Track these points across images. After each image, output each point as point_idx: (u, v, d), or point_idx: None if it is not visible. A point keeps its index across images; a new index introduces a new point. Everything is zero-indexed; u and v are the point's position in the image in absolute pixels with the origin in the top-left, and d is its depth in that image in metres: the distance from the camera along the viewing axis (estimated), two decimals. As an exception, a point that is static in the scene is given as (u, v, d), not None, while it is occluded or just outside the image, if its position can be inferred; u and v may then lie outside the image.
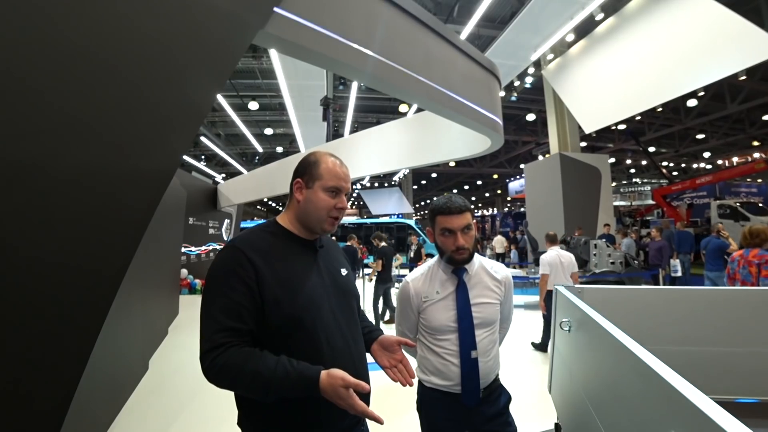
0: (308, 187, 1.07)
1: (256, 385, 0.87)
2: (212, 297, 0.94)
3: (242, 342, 0.91)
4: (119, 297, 1.47)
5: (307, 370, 0.89)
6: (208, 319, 0.92)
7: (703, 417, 0.59)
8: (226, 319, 0.90)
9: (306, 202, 1.07)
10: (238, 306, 0.92)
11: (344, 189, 1.10)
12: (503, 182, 28.07)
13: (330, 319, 1.03)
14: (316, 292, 1.02)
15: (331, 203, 1.07)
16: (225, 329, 0.90)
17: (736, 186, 18.85)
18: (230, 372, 0.87)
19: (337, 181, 1.08)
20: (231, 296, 0.92)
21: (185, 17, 1.59)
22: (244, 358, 0.88)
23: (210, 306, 0.93)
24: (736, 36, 5.01)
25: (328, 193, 1.07)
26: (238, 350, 0.89)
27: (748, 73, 9.81)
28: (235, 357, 0.88)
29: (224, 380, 0.88)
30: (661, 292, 2.08)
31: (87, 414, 2.21)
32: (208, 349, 0.89)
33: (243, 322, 0.92)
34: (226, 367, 0.87)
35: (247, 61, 10.22)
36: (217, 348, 0.88)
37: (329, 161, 1.09)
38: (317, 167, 1.08)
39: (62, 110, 1.29)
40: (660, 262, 7.24)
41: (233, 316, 0.91)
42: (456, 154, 5.43)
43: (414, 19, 3.00)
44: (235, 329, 0.90)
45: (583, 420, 1.34)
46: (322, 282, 1.06)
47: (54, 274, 1.30)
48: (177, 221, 6.01)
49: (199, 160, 18.52)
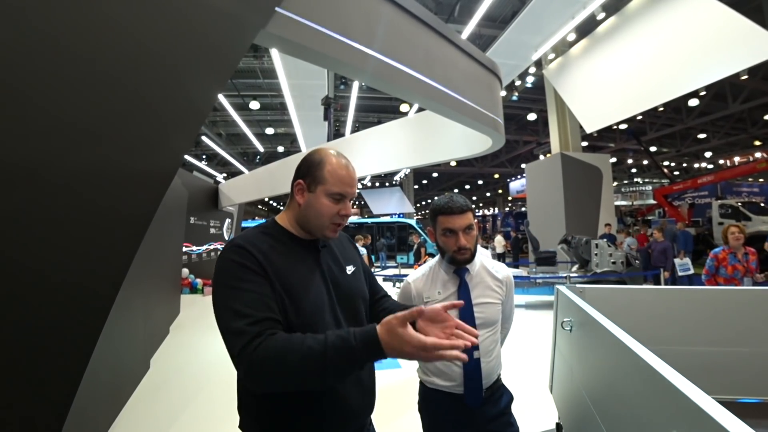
0: (310, 190, 0.97)
1: (311, 361, 0.74)
2: (230, 293, 0.84)
3: (275, 331, 0.81)
4: (121, 296, 1.47)
5: (361, 330, 0.78)
6: (233, 317, 0.80)
7: (705, 417, 0.59)
8: (255, 311, 0.81)
9: (307, 206, 0.97)
10: (262, 297, 0.84)
11: (350, 194, 0.99)
12: (504, 182, 28.05)
13: (332, 325, 0.95)
14: (318, 299, 0.94)
15: (335, 210, 0.97)
16: (257, 321, 0.79)
17: (737, 186, 18.78)
18: (277, 356, 0.75)
19: (342, 187, 0.97)
20: (252, 288, 0.84)
21: (186, 17, 1.59)
22: (286, 338, 0.78)
23: (231, 303, 0.82)
24: (737, 35, 5.00)
25: (331, 199, 0.96)
26: (275, 336, 0.78)
27: (750, 73, 9.78)
28: (276, 341, 0.77)
29: (271, 370, 0.75)
30: (663, 292, 2.07)
31: (88, 412, 2.21)
32: (244, 345, 0.76)
33: (272, 311, 0.83)
34: (272, 353, 0.75)
35: (248, 60, 10.22)
36: (254, 339, 0.76)
37: (335, 162, 0.98)
38: (321, 169, 0.97)
39: (64, 111, 1.29)
40: (664, 263, 7.21)
41: (261, 307, 0.82)
42: (457, 153, 5.44)
43: (415, 19, 3.00)
44: (267, 319, 0.81)
45: (585, 420, 1.34)
46: (325, 287, 0.98)
47: (56, 273, 1.30)
48: (178, 221, 6.02)
49: (201, 159, 18.54)
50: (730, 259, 3.42)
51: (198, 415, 3.01)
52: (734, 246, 3.41)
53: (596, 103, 7.33)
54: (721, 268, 3.45)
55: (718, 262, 3.48)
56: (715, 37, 5.25)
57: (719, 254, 3.50)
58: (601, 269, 6.91)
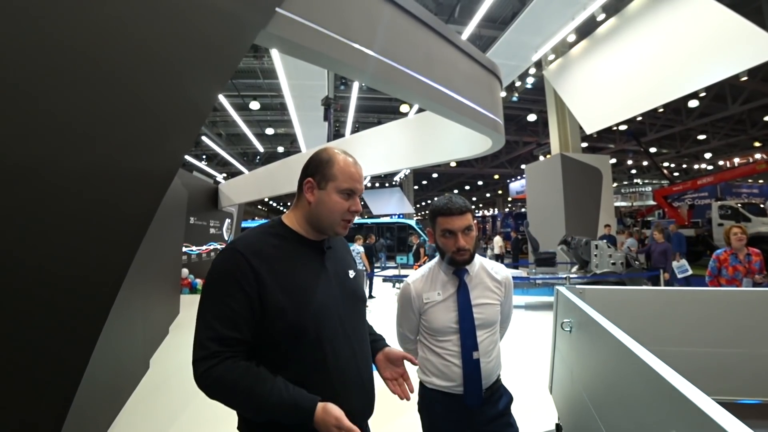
0: (320, 187, 1.00)
1: (248, 405, 0.86)
2: (209, 302, 0.90)
3: (236, 353, 0.88)
4: (120, 296, 1.47)
5: (303, 401, 0.87)
6: (203, 325, 0.88)
7: (704, 417, 0.59)
8: (222, 327, 0.87)
9: (318, 203, 0.99)
10: (234, 314, 0.88)
11: (359, 191, 1.03)
12: (504, 183, 28.08)
13: (337, 327, 0.98)
14: (324, 299, 0.97)
15: (345, 206, 1.00)
16: (219, 338, 0.86)
17: (737, 187, 18.79)
18: (224, 387, 0.85)
19: (352, 183, 1.00)
20: (229, 304, 0.88)
21: (187, 17, 1.59)
22: (240, 374, 0.85)
23: (206, 312, 0.89)
24: (737, 37, 5.00)
25: (342, 195, 0.99)
26: (233, 363, 0.86)
27: (750, 74, 9.81)
28: (230, 372, 0.85)
29: (217, 393, 0.86)
30: (662, 293, 2.08)
31: (88, 413, 2.21)
32: (201, 357, 0.85)
33: (239, 331, 0.88)
34: (221, 381, 0.84)
35: (249, 60, 10.23)
36: (211, 358, 0.85)
37: (343, 160, 1.01)
38: (330, 167, 1.00)
39: (65, 112, 1.29)
40: (664, 264, 7.21)
41: (229, 325, 0.87)
42: (457, 154, 5.44)
43: (415, 19, 3.00)
44: (230, 338, 0.87)
45: (584, 420, 1.34)
46: (330, 287, 1.00)
47: (56, 273, 1.30)
48: (178, 221, 6.01)
49: (201, 159, 18.55)
50: (731, 260, 3.42)
51: (197, 415, 3.01)
52: (736, 247, 3.41)
53: (596, 104, 7.33)
54: (722, 269, 3.45)
55: (719, 263, 3.47)
56: (714, 38, 5.25)
57: (721, 255, 3.50)
58: (601, 270, 6.91)
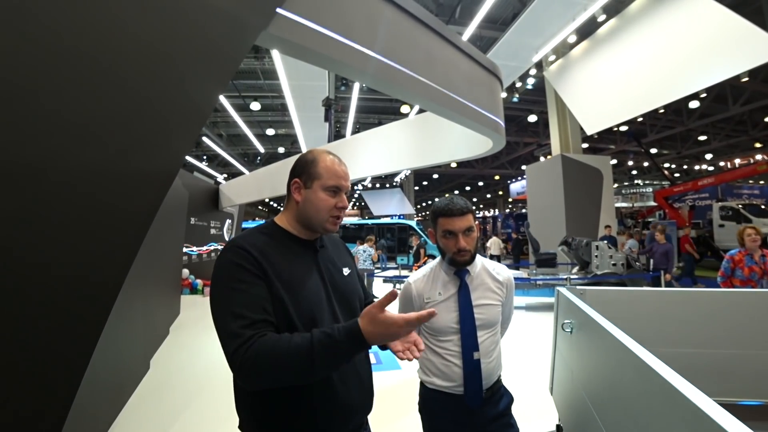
0: (307, 186, 1.03)
1: (299, 359, 0.80)
2: (227, 295, 0.88)
3: (265, 333, 0.85)
4: (121, 297, 1.47)
5: (344, 324, 0.84)
6: (231, 318, 0.84)
7: (705, 419, 0.59)
8: (251, 313, 0.85)
9: (305, 202, 1.02)
10: (259, 299, 0.88)
11: (344, 188, 1.06)
12: (505, 183, 28.04)
13: (331, 322, 0.98)
14: (317, 296, 0.98)
15: (332, 203, 1.03)
16: (252, 323, 0.84)
17: (738, 188, 18.78)
18: (267, 355, 0.80)
19: (337, 180, 1.03)
20: (248, 290, 0.87)
21: (188, 18, 1.60)
22: (276, 338, 0.83)
23: (228, 305, 0.86)
24: (738, 37, 5.00)
25: (328, 192, 1.03)
26: (264, 337, 0.83)
27: (751, 75, 9.81)
28: (266, 341, 0.82)
29: (263, 368, 0.80)
30: (663, 294, 2.07)
31: (89, 413, 2.21)
32: (238, 346, 0.81)
33: (267, 313, 0.87)
34: (262, 352, 0.80)
35: (249, 61, 10.23)
36: (247, 341, 0.81)
37: (327, 159, 1.05)
38: (315, 166, 1.03)
39: (66, 112, 1.30)
40: (666, 266, 7.21)
41: (257, 309, 0.86)
42: (457, 155, 5.44)
43: (416, 20, 3.00)
44: (263, 321, 0.86)
45: (585, 421, 1.34)
46: (323, 285, 1.02)
47: (57, 274, 1.30)
48: (179, 221, 6.02)
49: (201, 160, 18.56)
50: (746, 261, 3.38)
51: (198, 415, 3.01)
52: (751, 248, 3.37)
53: (597, 105, 7.32)
54: (737, 270, 3.41)
55: (734, 264, 3.43)
56: (715, 39, 5.25)
57: (735, 256, 3.46)
58: (602, 271, 6.90)
